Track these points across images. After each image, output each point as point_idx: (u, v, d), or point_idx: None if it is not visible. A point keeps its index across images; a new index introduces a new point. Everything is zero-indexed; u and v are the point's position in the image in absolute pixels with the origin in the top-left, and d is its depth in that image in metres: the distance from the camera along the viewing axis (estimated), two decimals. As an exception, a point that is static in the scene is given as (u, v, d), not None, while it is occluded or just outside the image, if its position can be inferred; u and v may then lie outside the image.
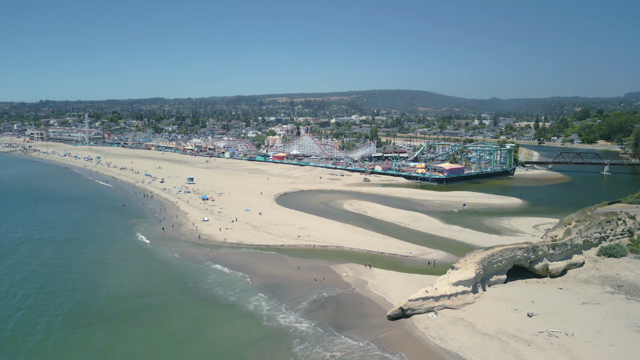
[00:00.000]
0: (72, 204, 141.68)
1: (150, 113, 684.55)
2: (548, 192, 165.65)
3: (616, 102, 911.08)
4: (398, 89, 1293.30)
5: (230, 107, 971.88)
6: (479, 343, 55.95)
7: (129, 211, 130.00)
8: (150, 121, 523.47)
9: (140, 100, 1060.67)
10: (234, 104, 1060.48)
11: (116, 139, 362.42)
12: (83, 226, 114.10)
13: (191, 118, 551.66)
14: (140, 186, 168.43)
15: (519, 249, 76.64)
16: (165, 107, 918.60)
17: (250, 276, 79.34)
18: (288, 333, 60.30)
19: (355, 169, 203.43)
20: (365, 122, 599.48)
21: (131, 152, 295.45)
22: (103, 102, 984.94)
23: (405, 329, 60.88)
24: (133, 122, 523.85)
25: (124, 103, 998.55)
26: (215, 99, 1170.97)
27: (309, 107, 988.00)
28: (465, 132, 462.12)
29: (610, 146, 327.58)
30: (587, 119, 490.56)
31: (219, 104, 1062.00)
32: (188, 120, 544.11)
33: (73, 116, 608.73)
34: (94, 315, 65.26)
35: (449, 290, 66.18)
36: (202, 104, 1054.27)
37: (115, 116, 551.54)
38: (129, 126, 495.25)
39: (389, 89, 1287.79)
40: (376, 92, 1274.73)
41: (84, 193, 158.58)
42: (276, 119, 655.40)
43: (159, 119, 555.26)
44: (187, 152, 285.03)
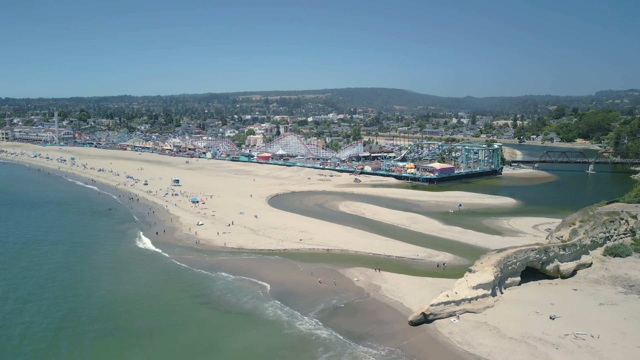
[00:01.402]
0: (53, 209, 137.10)
1: (119, 111, 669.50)
2: (538, 191, 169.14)
3: (588, 101, 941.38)
4: (374, 87, 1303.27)
5: (203, 105, 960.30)
6: (507, 347, 56.39)
7: (116, 215, 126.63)
8: (121, 120, 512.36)
9: (107, 97, 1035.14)
10: (206, 101, 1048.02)
11: (88, 139, 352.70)
12: (71, 232, 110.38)
13: (164, 117, 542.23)
14: (123, 189, 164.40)
15: (531, 250, 77.80)
16: (134, 105, 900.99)
17: (260, 282, 78.20)
18: (310, 341, 59.54)
19: (344, 169, 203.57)
20: (344, 121, 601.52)
21: (106, 153, 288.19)
22: (67, 100, 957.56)
23: (429, 335, 60.87)
24: (103, 121, 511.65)
25: (90, 101, 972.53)
26: (186, 97, 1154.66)
27: (284, 105, 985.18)
28: (445, 130, 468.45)
29: (589, 145, 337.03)
30: (563, 117, 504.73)
31: (190, 101, 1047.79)
32: (161, 119, 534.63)
33: (37, 115, 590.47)
34: (101, 328, 62.96)
35: (469, 294, 66.58)
36: (172, 101, 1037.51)
37: (83, 115, 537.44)
38: (98, 125, 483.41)
39: (364, 87, 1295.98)
40: (352, 90, 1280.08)
41: (64, 197, 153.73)
42: (252, 117, 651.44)
43: (130, 117, 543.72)
44: (166, 153, 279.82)
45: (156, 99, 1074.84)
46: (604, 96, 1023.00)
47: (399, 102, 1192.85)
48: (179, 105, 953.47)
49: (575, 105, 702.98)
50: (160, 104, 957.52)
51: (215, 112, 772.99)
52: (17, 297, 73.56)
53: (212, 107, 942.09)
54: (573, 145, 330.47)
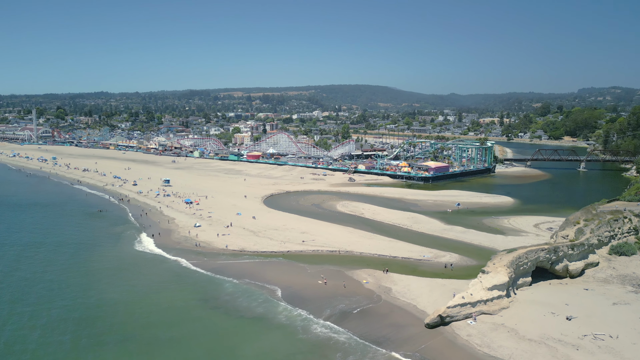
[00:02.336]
0: (40, 210, 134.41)
1: (96, 109, 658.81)
2: (534, 189, 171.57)
3: (571, 98, 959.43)
4: (357, 84, 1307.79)
5: (183, 102, 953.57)
6: (528, 349, 56.83)
7: (108, 217, 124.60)
8: (101, 118, 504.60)
9: (82, 94, 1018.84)
10: (187, 98, 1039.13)
11: (68, 138, 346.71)
12: (63, 235, 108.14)
13: (145, 114, 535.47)
14: (112, 190, 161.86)
15: (541, 250, 78.67)
16: (111, 102, 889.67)
17: (269, 285, 77.59)
18: (328, 345, 59.23)
19: (337, 168, 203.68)
20: (330, 119, 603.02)
21: (88, 152, 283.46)
22: (40, 97, 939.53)
23: (447, 338, 61.00)
24: (82, 119, 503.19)
25: (65, 97, 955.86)
26: (166, 94, 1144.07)
27: (268, 102, 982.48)
28: (432, 128, 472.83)
29: (576, 142, 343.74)
30: (549, 115, 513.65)
31: (170, 98, 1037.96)
32: (142, 116, 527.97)
33: (11, 112, 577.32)
34: (110, 336, 61.67)
35: (484, 296, 67.02)
36: (151, 98, 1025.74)
37: (61, 112, 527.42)
38: (77, 123, 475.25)
39: (348, 84, 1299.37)
40: (335, 87, 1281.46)
41: (51, 198, 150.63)
42: (236, 114, 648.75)
43: (110, 115, 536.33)
44: (151, 152, 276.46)
45: (134, 95, 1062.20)
46: (587, 93, 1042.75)
47: (383, 99, 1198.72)
48: (158, 102, 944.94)
49: (559, 103, 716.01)
50: (139, 101, 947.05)
51: (197, 110, 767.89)
52: (26, 304, 71.52)
53: (192, 104, 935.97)
54: (561, 143, 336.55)
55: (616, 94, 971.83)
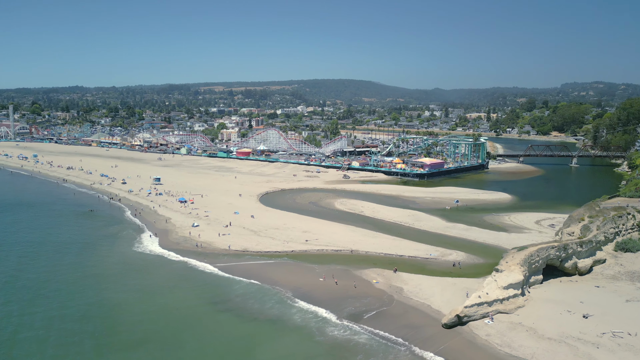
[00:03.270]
0: (27, 211, 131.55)
1: (71, 103, 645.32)
2: (529, 185, 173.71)
3: (555, 93, 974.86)
4: (341, 79, 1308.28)
5: (163, 97, 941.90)
6: (549, 349, 57.52)
7: (101, 217, 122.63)
8: (79, 113, 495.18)
9: (56, 89, 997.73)
10: (166, 93, 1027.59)
11: (47, 134, 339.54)
12: (57, 237, 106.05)
13: (126, 110, 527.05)
14: (100, 188, 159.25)
15: (552, 247, 79.77)
16: (87, 97, 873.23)
17: (278, 286, 77.26)
18: (348, 347, 59.14)
19: (330, 165, 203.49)
20: (315, 114, 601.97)
21: (70, 149, 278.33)
22: (12, 91, 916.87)
23: (465, 338, 61.40)
24: (59, 115, 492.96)
25: (38, 92, 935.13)
26: (144, 88, 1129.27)
27: (250, 97, 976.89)
28: (419, 124, 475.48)
29: (564, 138, 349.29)
30: (535, 110, 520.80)
31: (148, 93, 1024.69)
32: (122, 112, 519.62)
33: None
34: (121, 341, 60.86)
35: (500, 295, 67.66)
36: (129, 93, 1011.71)
37: (36, 107, 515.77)
38: (54, 119, 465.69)
39: (331, 79, 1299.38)
40: (319, 81, 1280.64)
41: (37, 198, 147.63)
42: (218, 109, 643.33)
43: (88, 110, 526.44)
44: (136, 149, 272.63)
45: (111, 90, 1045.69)
46: (570, 88, 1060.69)
47: (368, 94, 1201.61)
48: (137, 97, 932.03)
49: (543, 98, 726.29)
50: (117, 96, 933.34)
51: (177, 105, 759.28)
52: (35, 310, 70.04)
53: (172, 98, 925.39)
54: (550, 139, 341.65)
55: (599, 88, 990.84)
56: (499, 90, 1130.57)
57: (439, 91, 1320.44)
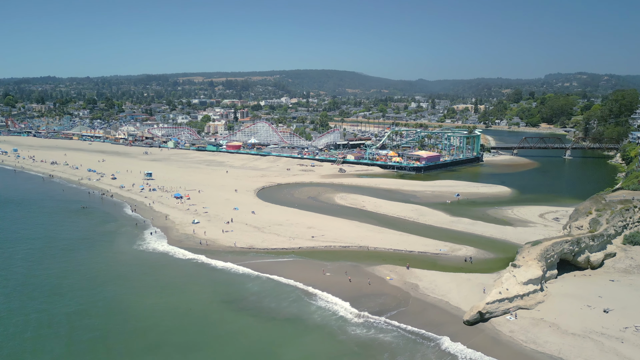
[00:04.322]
0: (15, 208, 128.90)
1: (45, 95, 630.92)
2: (526, 178, 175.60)
3: (539, 84, 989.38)
4: (324, 69, 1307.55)
5: (140, 88, 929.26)
6: (574, 344, 58.43)
7: (95, 214, 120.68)
8: (56, 105, 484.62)
9: (28, 79, 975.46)
10: (144, 84, 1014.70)
11: (24, 127, 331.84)
12: (51, 236, 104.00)
13: (104, 101, 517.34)
14: (90, 184, 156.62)
15: (565, 242, 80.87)
16: (60, 88, 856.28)
17: (293, 284, 77.20)
18: (373, 346, 59.19)
19: (325, 159, 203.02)
20: (300, 105, 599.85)
21: (50, 143, 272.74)
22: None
23: (489, 335, 61.95)
24: (34, 107, 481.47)
25: (8, 83, 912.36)
26: (120, 78, 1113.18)
27: (231, 88, 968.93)
28: (407, 115, 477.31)
29: (554, 129, 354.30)
30: (521, 101, 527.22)
31: (125, 84, 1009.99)
32: (100, 103, 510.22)
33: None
34: (137, 343, 60.12)
35: (520, 290, 68.49)
36: (105, 83, 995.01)
37: (10, 99, 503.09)
38: (29, 111, 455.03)
39: (314, 69, 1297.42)
40: (301, 72, 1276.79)
41: (24, 195, 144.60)
42: (200, 101, 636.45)
43: (64, 102, 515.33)
44: (120, 142, 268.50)
45: (86, 80, 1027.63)
46: (554, 79, 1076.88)
47: (351, 85, 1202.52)
48: (113, 87, 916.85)
49: (527, 89, 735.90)
50: (92, 87, 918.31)
51: (156, 96, 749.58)
52: (43, 312, 68.88)
53: (150, 89, 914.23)
54: (540, 130, 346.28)
55: (582, 79, 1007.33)
56: (484, 81, 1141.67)
57: (423, 82, 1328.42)
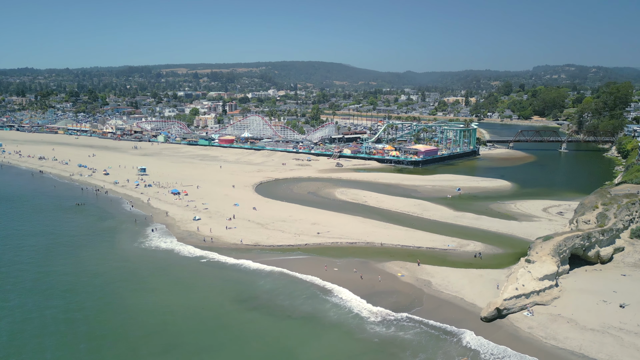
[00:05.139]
0: (7, 205, 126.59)
1: (23, 87, 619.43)
2: (525, 172, 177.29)
3: (527, 76, 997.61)
4: (311, 61, 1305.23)
5: (123, 80, 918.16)
6: (595, 340, 59.17)
7: (91, 212, 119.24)
8: (37, 98, 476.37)
9: (4, 71, 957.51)
10: (126, 75, 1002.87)
11: (6, 121, 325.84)
12: (48, 234, 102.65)
13: (87, 94, 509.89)
14: (82, 180, 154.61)
15: (576, 237, 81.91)
16: (39, 80, 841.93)
17: (304, 281, 77.39)
18: (395, 343, 59.39)
19: (321, 153, 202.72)
20: (288, 98, 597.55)
21: (36, 137, 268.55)
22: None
23: (507, 331, 62.47)
24: (14, 99, 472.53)
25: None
26: (100, 70, 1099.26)
27: (216, 80, 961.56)
28: (398, 108, 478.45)
29: (546, 122, 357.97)
30: (512, 93, 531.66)
31: (106, 75, 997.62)
32: (83, 96, 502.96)
33: None
34: (150, 346, 59.58)
35: (536, 286, 69.19)
36: (85, 75, 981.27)
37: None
38: (9, 104, 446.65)
39: (301, 61, 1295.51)
40: (287, 63, 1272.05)
41: (15, 191, 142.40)
42: (185, 93, 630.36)
43: (46, 95, 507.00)
44: (108, 136, 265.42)
45: (65, 72, 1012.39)
46: (542, 71, 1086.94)
47: (339, 77, 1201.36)
48: (94, 79, 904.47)
49: (516, 81, 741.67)
50: (72, 79, 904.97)
51: (140, 88, 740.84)
52: (56, 309, 68.66)
53: (133, 82, 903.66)
54: (532, 123, 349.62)
55: (570, 71, 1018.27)
56: (472, 73, 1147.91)
57: (411, 74, 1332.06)
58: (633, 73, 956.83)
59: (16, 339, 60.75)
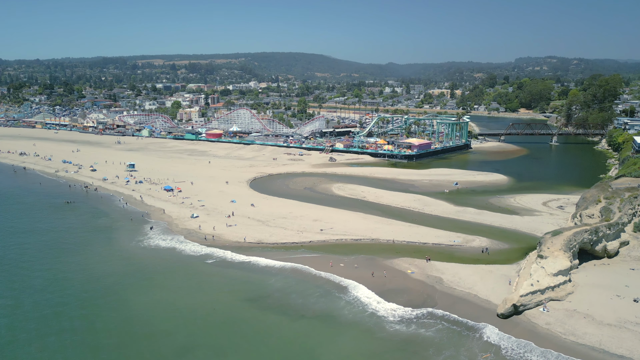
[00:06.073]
0: None
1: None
2: (519, 165, 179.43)
3: (510, 68, 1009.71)
4: (292, 52, 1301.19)
5: (97, 72, 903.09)
6: (613, 335, 60.35)
7: (83, 210, 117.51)
8: (9, 91, 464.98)
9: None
10: (100, 67, 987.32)
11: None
12: (42, 233, 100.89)
13: (63, 86, 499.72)
14: (68, 177, 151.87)
15: (585, 231, 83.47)
16: (9, 71, 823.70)
17: (315, 279, 77.61)
18: (417, 342, 59.79)
19: (312, 147, 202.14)
20: (270, 90, 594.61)
21: (12, 132, 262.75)
22: None
23: (525, 327, 63.28)
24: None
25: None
26: (73, 61, 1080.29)
27: (195, 71, 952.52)
28: (383, 101, 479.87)
29: (533, 114, 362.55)
30: (497, 86, 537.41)
31: (79, 67, 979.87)
32: (58, 88, 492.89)
33: None
34: (166, 348, 59.10)
35: (551, 282, 70.26)
36: (57, 67, 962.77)
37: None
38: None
39: (281, 52, 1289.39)
40: (268, 54, 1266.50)
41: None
42: (164, 86, 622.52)
43: (18, 87, 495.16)
44: (89, 131, 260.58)
45: (35, 63, 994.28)
46: (524, 63, 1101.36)
47: (320, 68, 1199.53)
48: (66, 71, 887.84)
49: (499, 73, 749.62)
50: (44, 70, 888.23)
51: (115, 80, 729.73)
52: (66, 313, 67.73)
53: (108, 73, 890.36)
54: (519, 116, 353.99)
55: (552, 63, 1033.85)
56: (455, 64, 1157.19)
57: (393, 66, 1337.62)
58: (614, 65, 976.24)
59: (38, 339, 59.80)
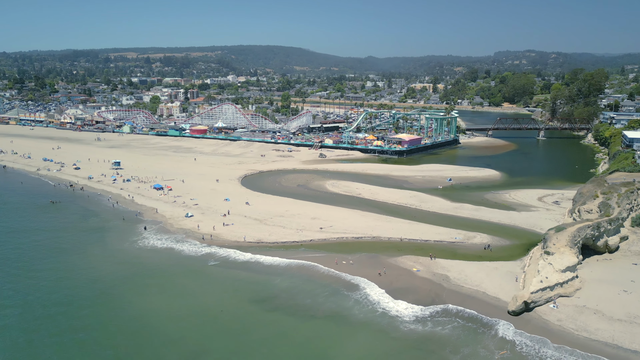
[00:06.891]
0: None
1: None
2: (510, 160, 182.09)
3: (489, 62, 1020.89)
4: (269, 45, 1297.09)
5: (67, 65, 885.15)
6: (625, 330, 61.66)
7: (70, 210, 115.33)
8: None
9: None
10: (70, 60, 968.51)
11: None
12: (31, 234, 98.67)
13: (34, 80, 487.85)
14: (51, 175, 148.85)
15: (587, 227, 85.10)
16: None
17: (321, 277, 77.57)
18: (433, 340, 60.37)
19: (301, 143, 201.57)
20: (250, 84, 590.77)
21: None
22: None
23: (537, 324, 64.30)
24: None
25: None
26: (41, 54, 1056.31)
27: (170, 65, 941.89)
28: (366, 95, 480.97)
29: (517, 109, 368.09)
30: (478, 80, 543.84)
31: (49, 60, 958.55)
32: (30, 83, 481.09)
33: None
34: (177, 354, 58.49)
35: (560, 278, 71.49)
36: (24, 60, 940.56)
37: None
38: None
39: (259, 45, 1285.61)
40: (245, 47, 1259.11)
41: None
42: (140, 80, 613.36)
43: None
44: (67, 127, 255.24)
45: (2, 56, 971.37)
46: (503, 57, 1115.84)
47: (299, 62, 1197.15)
48: (35, 64, 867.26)
49: (478, 66, 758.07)
50: (10, 63, 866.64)
51: (87, 74, 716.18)
52: (61, 316, 66.67)
53: (79, 67, 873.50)
54: (503, 110, 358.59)
55: (531, 57, 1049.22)
56: (435, 58, 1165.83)
57: (372, 59, 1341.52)
58: (591, 59, 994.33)
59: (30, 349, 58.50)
